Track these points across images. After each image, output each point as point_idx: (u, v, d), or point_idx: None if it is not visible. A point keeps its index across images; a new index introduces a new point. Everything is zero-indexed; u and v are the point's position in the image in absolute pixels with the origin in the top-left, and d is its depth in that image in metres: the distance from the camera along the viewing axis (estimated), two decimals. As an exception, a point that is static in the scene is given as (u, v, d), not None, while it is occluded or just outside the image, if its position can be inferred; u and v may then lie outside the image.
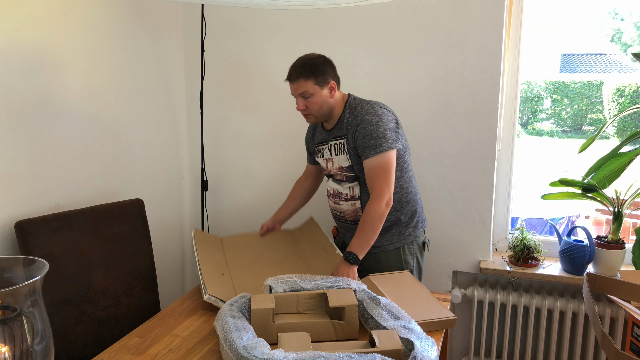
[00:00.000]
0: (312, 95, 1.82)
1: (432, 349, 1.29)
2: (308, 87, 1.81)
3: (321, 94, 1.83)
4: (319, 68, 1.82)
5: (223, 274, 1.86)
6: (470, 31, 2.20)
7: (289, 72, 1.85)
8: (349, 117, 1.87)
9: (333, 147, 1.92)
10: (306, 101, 1.84)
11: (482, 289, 2.33)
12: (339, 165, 1.92)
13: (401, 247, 1.93)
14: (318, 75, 1.81)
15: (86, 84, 1.97)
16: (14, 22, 1.66)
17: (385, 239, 1.91)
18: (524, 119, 9.43)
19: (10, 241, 1.68)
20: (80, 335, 1.75)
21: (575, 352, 2.24)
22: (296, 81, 1.82)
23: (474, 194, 2.30)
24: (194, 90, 2.59)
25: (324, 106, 1.86)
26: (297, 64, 1.84)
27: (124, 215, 1.98)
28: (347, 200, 1.93)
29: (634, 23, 13.47)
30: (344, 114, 1.89)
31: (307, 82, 1.81)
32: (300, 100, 1.85)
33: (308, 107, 1.85)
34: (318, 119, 1.90)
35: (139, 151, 2.29)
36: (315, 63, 1.82)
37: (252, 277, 1.82)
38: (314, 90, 1.82)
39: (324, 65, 1.83)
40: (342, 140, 1.89)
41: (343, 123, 1.88)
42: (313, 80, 1.81)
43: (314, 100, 1.83)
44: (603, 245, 2.16)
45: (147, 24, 2.30)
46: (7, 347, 0.99)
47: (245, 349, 1.24)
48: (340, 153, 1.90)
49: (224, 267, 1.91)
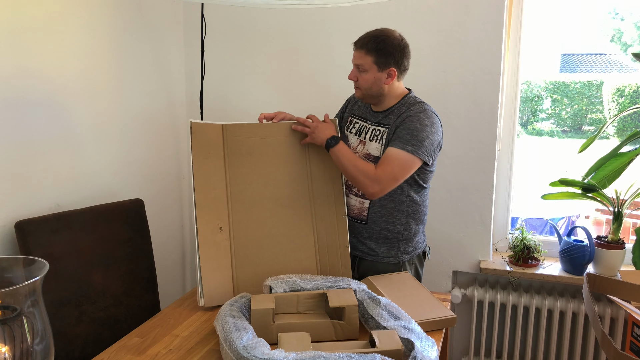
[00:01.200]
0: (366, 71, 1.74)
1: (432, 349, 1.29)
2: (366, 61, 1.73)
3: (376, 74, 1.74)
4: (385, 48, 1.72)
5: (221, 228, 1.74)
6: (470, 31, 2.20)
7: (360, 37, 1.76)
8: (403, 109, 1.78)
9: (371, 132, 1.84)
10: (359, 74, 1.76)
11: (482, 289, 2.33)
12: (367, 151, 1.82)
13: (400, 263, 1.87)
14: (381, 56, 1.72)
15: (86, 83, 1.97)
16: (14, 22, 1.66)
17: (381, 250, 1.85)
18: (524, 119, 9.42)
19: (10, 241, 1.68)
20: (80, 335, 1.75)
21: (575, 352, 2.24)
22: (358, 50, 1.74)
23: (474, 194, 2.30)
24: (194, 90, 2.59)
25: (373, 87, 1.76)
26: (369, 33, 1.75)
27: (124, 215, 1.98)
28: (356, 195, 1.85)
29: (634, 23, 13.47)
30: (398, 106, 1.80)
31: (367, 56, 1.72)
32: (354, 70, 1.77)
33: (359, 80, 1.77)
34: (364, 97, 1.82)
35: (138, 151, 2.29)
36: (385, 42, 1.72)
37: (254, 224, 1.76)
38: (370, 68, 1.73)
39: (393, 49, 1.73)
40: (383, 129, 1.80)
41: (394, 112, 1.80)
42: (373, 58, 1.72)
43: (366, 77, 1.75)
44: (603, 245, 2.16)
45: (147, 24, 2.30)
46: (7, 347, 0.99)
47: (245, 349, 1.24)
48: (376, 141, 1.81)
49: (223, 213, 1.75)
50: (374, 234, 1.85)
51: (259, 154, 1.82)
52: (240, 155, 1.80)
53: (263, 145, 1.82)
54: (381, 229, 1.83)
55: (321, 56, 2.42)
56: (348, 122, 1.94)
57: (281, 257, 1.78)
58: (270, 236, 1.79)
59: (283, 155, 1.83)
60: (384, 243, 1.85)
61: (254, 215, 1.79)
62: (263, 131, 1.83)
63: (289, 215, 1.81)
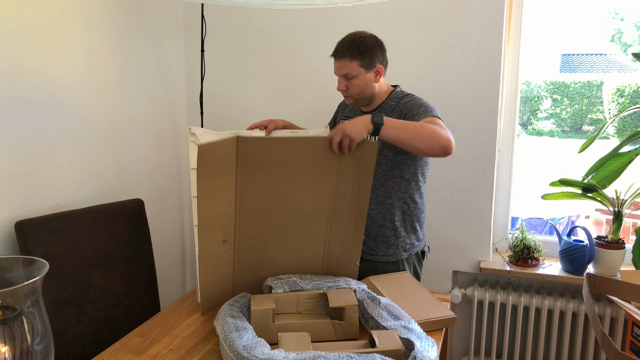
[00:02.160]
0: (355, 77, 1.73)
1: (432, 349, 1.29)
2: (352, 68, 1.72)
3: (365, 77, 1.74)
4: (367, 49, 1.71)
5: (225, 240, 1.58)
6: (470, 31, 2.20)
7: (336, 48, 1.74)
8: (393, 104, 1.78)
9: None
10: (348, 82, 1.74)
11: (482, 289, 2.33)
12: None
13: (399, 261, 1.87)
14: (365, 57, 1.71)
15: (86, 84, 1.97)
16: (14, 22, 1.66)
17: (380, 249, 1.86)
18: (524, 119, 9.43)
19: (10, 241, 1.68)
20: (80, 335, 1.75)
21: (575, 352, 2.24)
22: (341, 59, 1.72)
23: (474, 194, 2.30)
24: (194, 90, 2.60)
25: (366, 90, 1.76)
26: (345, 40, 1.73)
27: (124, 215, 1.98)
28: None
29: (634, 23, 13.48)
30: (387, 101, 1.80)
31: (352, 62, 1.71)
32: (342, 80, 1.75)
33: (349, 89, 1.75)
34: (358, 102, 1.81)
35: (139, 151, 2.29)
36: (364, 43, 1.72)
37: None
38: (358, 73, 1.72)
39: (373, 47, 1.73)
40: None
41: (384, 109, 1.80)
42: (359, 62, 1.71)
43: (357, 83, 1.74)
44: (603, 245, 2.16)
45: (147, 24, 2.30)
46: (7, 347, 0.99)
47: (245, 349, 1.24)
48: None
49: (229, 223, 1.56)
50: (372, 232, 1.85)
51: (278, 168, 1.57)
52: (255, 170, 1.55)
53: (283, 160, 1.56)
54: (379, 226, 1.84)
55: (321, 56, 2.41)
56: None
57: (285, 264, 1.68)
58: (277, 245, 1.65)
59: (305, 170, 1.59)
60: (382, 242, 1.85)
61: (264, 228, 1.62)
62: (286, 145, 1.57)
63: (302, 230, 1.65)
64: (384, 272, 1.84)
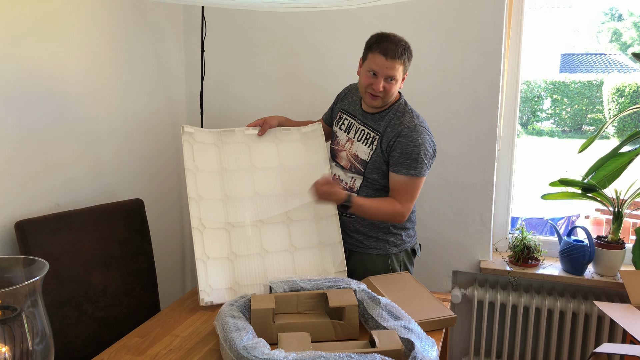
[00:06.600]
0: (396, 81, 1.70)
1: (432, 349, 1.29)
2: (399, 72, 1.69)
3: (400, 83, 1.73)
4: (411, 56, 1.71)
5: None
6: (470, 31, 2.20)
7: (387, 47, 1.66)
8: (393, 119, 1.78)
9: (360, 132, 1.82)
10: (387, 84, 1.69)
11: (482, 289, 2.33)
12: (355, 152, 1.83)
13: (388, 256, 1.89)
14: (408, 64, 1.71)
15: (86, 83, 1.97)
16: (14, 22, 1.66)
17: (369, 242, 1.88)
18: (524, 119, 9.43)
19: (10, 241, 1.68)
20: (80, 335, 1.75)
21: (575, 352, 2.24)
22: (394, 60, 1.66)
23: (474, 194, 2.30)
24: (194, 90, 2.59)
25: (393, 95, 1.75)
26: (397, 42, 1.68)
27: (124, 215, 1.98)
28: (344, 189, 1.85)
29: (634, 23, 13.48)
30: (388, 111, 1.80)
31: (401, 66, 1.68)
32: (381, 80, 1.68)
33: (386, 90, 1.70)
34: (381, 105, 1.78)
35: (139, 151, 2.29)
36: (410, 49, 1.70)
37: None
38: (400, 77, 1.71)
39: (412, 55, 1.73)
40: (373, 134, 1.79)
41: (384, 119, 1.79)
42: (404, 67, 1.70)
43: (394, 87, 1.71)
44: (603, 245, 2.16)
45: (147, 24, 2.30)
46: (7, 347, 0.99)
47: (245, 349, 1.24)
48: (365, 144, 1.81)
49: None
50: (361, 228, 1.88)
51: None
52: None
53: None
54: (369, 222, 1.86)
55: (321, 57, 2.42)
56: (337, 117, 1.96)
57: None
58: None
59: None
60: (371, 236, 1.88)
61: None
62: None
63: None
64: (373, 266, 1.87)
